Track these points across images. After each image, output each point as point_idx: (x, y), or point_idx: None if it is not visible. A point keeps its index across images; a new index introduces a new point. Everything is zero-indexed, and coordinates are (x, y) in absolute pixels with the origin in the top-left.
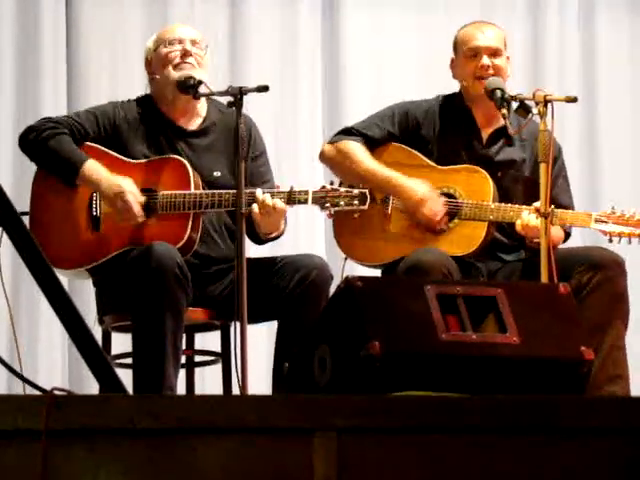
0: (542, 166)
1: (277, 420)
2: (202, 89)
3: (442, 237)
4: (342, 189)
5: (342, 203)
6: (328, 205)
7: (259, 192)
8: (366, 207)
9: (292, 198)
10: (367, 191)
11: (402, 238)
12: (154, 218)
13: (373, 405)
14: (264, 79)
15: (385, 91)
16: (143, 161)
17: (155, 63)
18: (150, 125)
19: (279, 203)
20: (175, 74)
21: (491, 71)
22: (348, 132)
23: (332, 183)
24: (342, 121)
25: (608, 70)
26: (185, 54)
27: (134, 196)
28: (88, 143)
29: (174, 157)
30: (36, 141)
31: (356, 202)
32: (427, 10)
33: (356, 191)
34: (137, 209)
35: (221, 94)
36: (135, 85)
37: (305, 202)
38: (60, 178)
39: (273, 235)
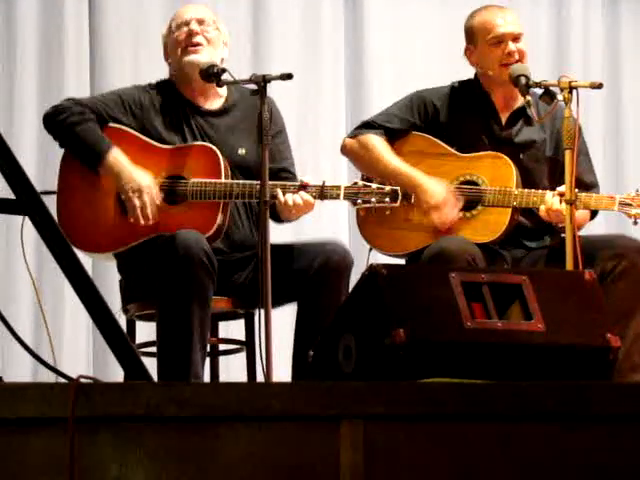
0: (567, 153)
1: (303, 408)
2: (225, 76)
3: (466, 224)
4: (374, 185)
5: (374, 200)
6: (359, 202)
7: (287, 197)
8: (397, 204)
9: (324, 193)
10: (399, 188)
11: (426, 227)
12: (183, 205)
13: (400, 392)
14: (287, 67)
15: (408, 80)
16: (171, 147)
17: (170, 48)
18: (173, 107)
19: (307, 196)
20: (186, 59)
21: (517, 56)
22: (368, 125)
23: (364, 178)
24: (365, 110)
25: (633, 58)
26: (191, 34)
27: (151, 197)
28: (117, 125)
29: (204, 144)
30: (63, 125)
31: (387, 199)
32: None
33: (388, 188)
34: (150, 211)
35: (244, 82)
36: (157, 71)
37: (337, 197)
38: (84, 163)
39: (294, 219)
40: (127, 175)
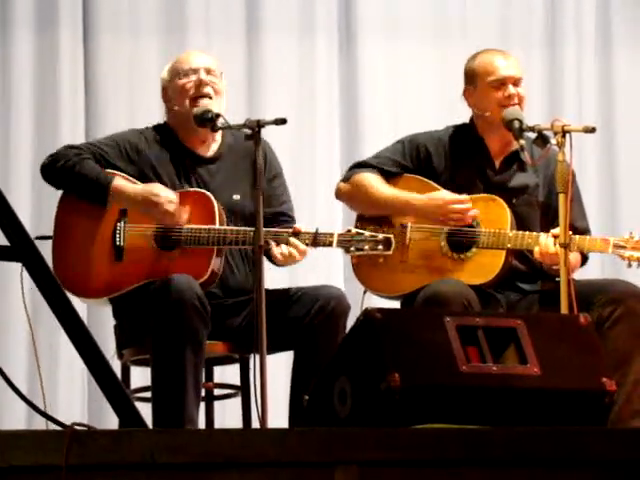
0: (561, 197)
1: (298, 454)
2: (220, 122)
3: (460, 267)
4: (367, 233)
5: (366, 247)
6: (353, 249)
7: (282, 249)
8: (390, 252)
9: (317, 240)
10: (392, 236)
11: (420, 268)
12: (177, 251)
13: (394, 438)
14: (281, 111)
15: (403, 123)
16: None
17: (172, 94)
18: (169, 152)
19: (302, 246)
20: (193, 109)
21: (516, 100)
22: (361, 165)
23: (357, 226)
24: (360, 153)
25: (625, 101)
26: (200, 84)
27: (168, 199)
28: (112, 171)
29: (199, 190)
30: (63, 169)
31: (380, 247)
32: (444, 42)
33: (381, 236)
34: (173, 208)
35: (239, 127)
36: (153, 115)
37: (330, 245)
38: (91, 200)
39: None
40: (139, 191)
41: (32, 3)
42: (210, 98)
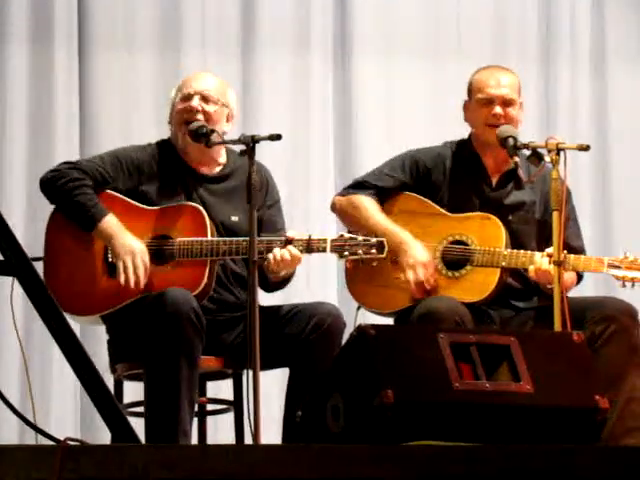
0: (555, 214)
1: (291, 470)
2: (214, 137)
3: (455, 284)
4: (360, 238)
5: (360, 252)
6: (346, 254)
7: (275, 251)
8: (384, 255)
9: (311, 246)
10: (385, 240)
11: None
12: (170, 265)
13: (387, 455)
14: (276, 127)
15: (397, 139)
16: (158, 208)
17: (173, 114)
18: (171, 170)
19: (294, 250)
20: (189, 125)
21: (503, 120)
22: (360, 185)
23: (350, 232)
24: (354, 169)
25: (620, 119)
26: (191, 110)
27: (143, 261)
28: (106, 191)
29: (190, 204)
30: (60, 190)
31: (374, 251)
32: (438, 60)
33: (374, 240)
34: (142, 273)
35: (233, 142)
36: (147, 130)
37: (324, 250)
38: (78, 226)
39: (282, 276)
40: (120, 239)
41: (27, 18)
42: (202, 136)
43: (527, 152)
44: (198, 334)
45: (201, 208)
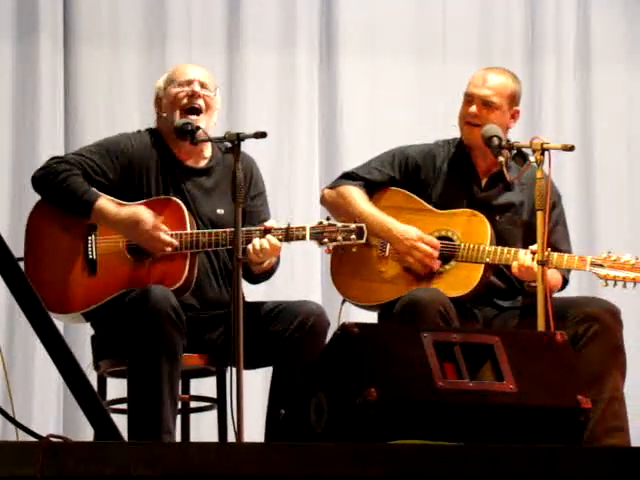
0: (539, 214)
1: (274, 469)
2: (200, 134)
3: (438, 279)
4: (339, 224)
5: (340, 238)
6: (326, 240)
7: (254, 241)
8: (364, 240)
9: (289, 235)
10: (364, 225)
11: (399, 279)
12: (151, 259)
13: (370, 454)
14: (261, 125)
15: (382, 137)
16: (139, 202)
17: (165, 102)
18: (159, 160)
19: (273, 240)
20: (175, 121)
21: (477, 120)
22: (348, 176)
23: (329, 219)
24: (338, 167)
25: (604, 119)
26: (193, 95)
27: (157, 227)
28: (94, 190)
29: (169, 198)
30: (53, 184)
31: (353, 236)
32: (424, 58)
33: (353, 225)
34: (165, 238)
35: (219, 140)
36: (132, 124)
37: (303, 238)
38: (77, 216)
39: (264, 267)
40: (119, 215)
41: (12, 12)
42: (200, 112)
43: (512, 152)
44: (178, 331)
45: (180, 202)
